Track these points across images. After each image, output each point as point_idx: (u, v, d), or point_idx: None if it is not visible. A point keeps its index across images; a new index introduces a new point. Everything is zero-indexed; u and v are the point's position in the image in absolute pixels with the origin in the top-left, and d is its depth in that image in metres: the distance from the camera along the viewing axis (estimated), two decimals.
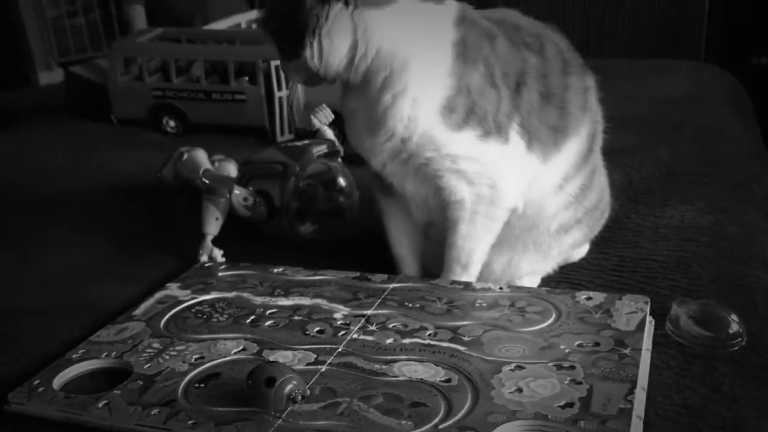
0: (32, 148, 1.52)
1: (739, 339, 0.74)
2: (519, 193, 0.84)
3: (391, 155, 0.81)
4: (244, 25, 1.79)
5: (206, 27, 1.75)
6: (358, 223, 1.06)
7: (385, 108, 0.78)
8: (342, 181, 1.10)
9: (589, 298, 0.79)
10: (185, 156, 1.16)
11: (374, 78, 0.78)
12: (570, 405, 0.62)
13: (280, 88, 1.44)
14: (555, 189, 0.86)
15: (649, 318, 0.76)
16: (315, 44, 0.76)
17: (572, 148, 0.85)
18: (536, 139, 0.83)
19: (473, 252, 0.85)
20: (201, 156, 1.16)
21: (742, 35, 2.53)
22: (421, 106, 0.78)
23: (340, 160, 1.14)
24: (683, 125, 1.35)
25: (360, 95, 0.80)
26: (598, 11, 2.52)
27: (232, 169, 1.15)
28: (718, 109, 1.45)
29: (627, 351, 0.69)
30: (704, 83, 1.60)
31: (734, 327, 0.75)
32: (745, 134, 1.35)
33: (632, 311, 0.76)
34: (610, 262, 0.93)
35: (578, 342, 0.71)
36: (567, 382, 0.65)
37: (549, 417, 0.60)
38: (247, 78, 1.50)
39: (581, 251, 0.95)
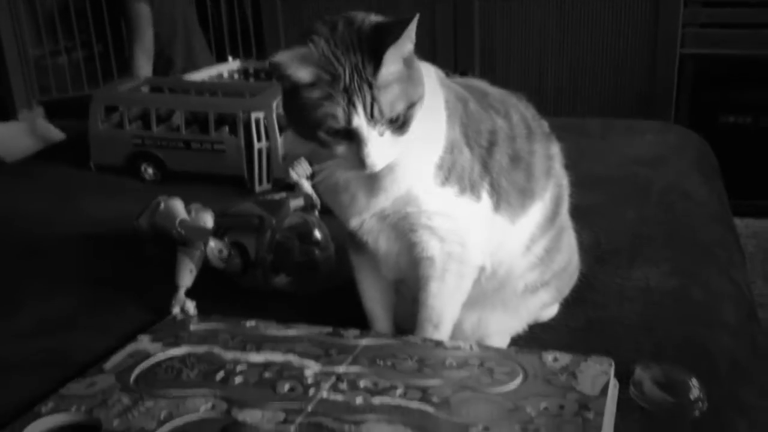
0: (10, 192, 1.52)
1: (700, 404, 0.76)
2: (487, 252, 0.86)
3: (375, 212, 0.82)
4: (226, 75, 1.82)
5: (188, 77, 1.77)
6: (333, 276, 1.07)
7: (389, 170, 0.78)
8: (318, 234, 1.12)
9: (555, 359, 0.81)
10: (162, 205, 1.17)
11: None
12: None
13: (259, 139, 1.46)
14: (522, 251, 0.88)
15: (613, 381, 0.78)
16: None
17: (537, 210, 0.88)
18: (504, 200, 0.85)
19: (444, 311, 0.86)
20: (178, 206, 1.17)
21: (711, 95, 2.62)
22: (421, 165, 0.80)
23: (316, 213, 1.15)
24: (650, 186, 1.40)
25: None
26: (571, 72, 2.60)
27: (208, 219, 1.16)
28: (684, 171, 1.49)
29: (590, 415, 0.70)
30: (672, 144, 1.65)
31: (695, 392, 0.77)
32: (710, 197, 1.39)
33: (597, 374, 0.77)
34: (577, 323, 0.95)
35: (544, 405, 0.72)
36: None
37: None
38: (227, 128, 1.53)
39: (551, 311, 0.97)
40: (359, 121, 0.72)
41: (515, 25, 2.59)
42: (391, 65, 0.73)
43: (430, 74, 0.82)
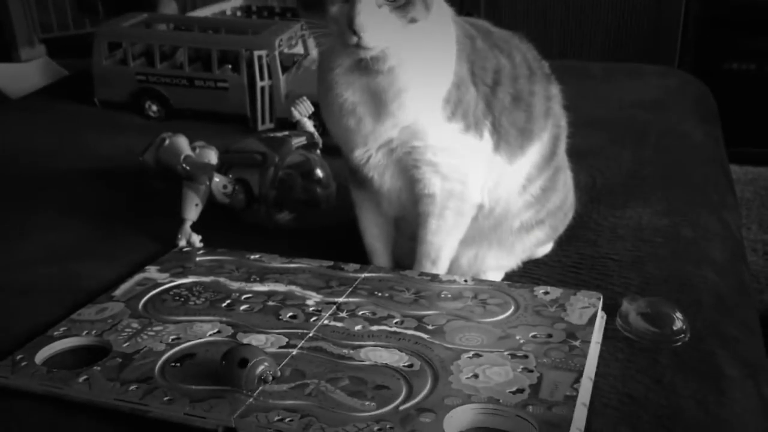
0: (15, 128, 1.53)
1: (683, 335, 0.80)
2: (486, 190, 0.89)
3: (383, 144, 0.83)
4: (229, 13, 1.82)
5: (191, 14, 1.77)
6: (334, 212, 1.10)
7: (397, 94, 0.80)
8: (320, 172, 1.14)
9: (546, 293, 0.84)
10: (167, 141, 1.19)
11: (386, 64, 0.78)
12: (521, 391, 0.67)
13: (262, 78, 1.47)
14: (519, 190, 0.91)
15: (601, 313, 0.81)
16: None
17: (535, 150, 0.90)
18: (504, 140, 0.87)
19: (442, 247, 0.89)
20: (182, 142, 1.19)
21: (716, 41, 2.60)
22: (429, 95, 0.81)
23: (318, 151, 1.17)
24: (649, 129, 1.41)
25: (366, 84, 0.80)
26: (576, 14, 2.57)
27: (212, 156, 1.18)
28: (683, 115, 1.50)
29: (577, 343, 0.74)
30: (673, 89, 1.65)
31: (678, 324, 0.80)
32: (706, 139, 1.41)
33: (585, 306, 0.81)
34: (569, 259, 0.98)
35: (533, 333, 0.76)
36: (519, 370, 0.70)
37: (500, 401, 0.65)
38: (230, 66, 1.53)
39: (545, 249, 1.00)
40: None
41: None
42: None
43: (445, 11, 0.83)
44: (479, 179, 0.87)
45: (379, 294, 0.85)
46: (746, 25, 2.57)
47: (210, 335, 0.78)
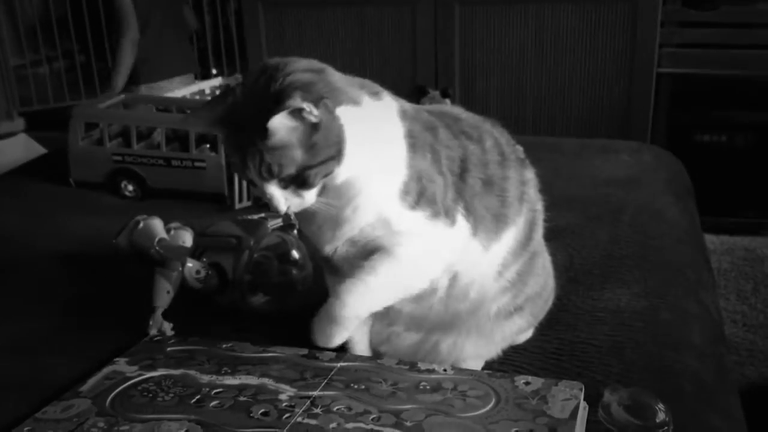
0: None
1: (665, 427, 0.78)
2: (443, 271, 0.87)
3: (347, 239, 0.84)
4: (208, 92, 1.83)
5: (169, 94, 1.78)
6: (310, 295, 1.08)
7: (349, 201, 0.81)
8: (296, 254, 1.13)
9: (527, 383, 0.82)
10: (141, 224, 1.17)
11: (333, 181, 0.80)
12: None
13: None
14: (494, 275, 0.90)
15: (583, 404, 0.79)
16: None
17: (510, 236, 0.90)
18: (480, 224, 0.87)
19: (365, 294, 0.84)
20: (157, 225, 1.18)
21: (687, 114, 2.67)
22: (383, 195, 0.82)
23: (295, 232, 1.16)
24: (623, 207, 1.42)
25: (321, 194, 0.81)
26: (550, 90, 2.63)
27: (187, 238, 1.17)
28: (657, 191, 1.52)
29: None
30: (646, 165, 1.68)
31: (661, 415, 0.79)
32: (682, 217, 1.42)
33: (567, 398, 0.79)
34: (550, 345, 0.97)
35: (515, 429, 0.74)
36: None
37: None
38: (208, 145, 1.53)
39: (526, 335, 0.99)
40: (252, 175, 0.79)
41: (494, 46, 2.62)
42: (281, 133, 0.76)
43: (389, 110, 0.84)
44: (439, 265, 0.86)
45: (356, 386, 0.83)
46: (716, 98, 2.65)
47: None
